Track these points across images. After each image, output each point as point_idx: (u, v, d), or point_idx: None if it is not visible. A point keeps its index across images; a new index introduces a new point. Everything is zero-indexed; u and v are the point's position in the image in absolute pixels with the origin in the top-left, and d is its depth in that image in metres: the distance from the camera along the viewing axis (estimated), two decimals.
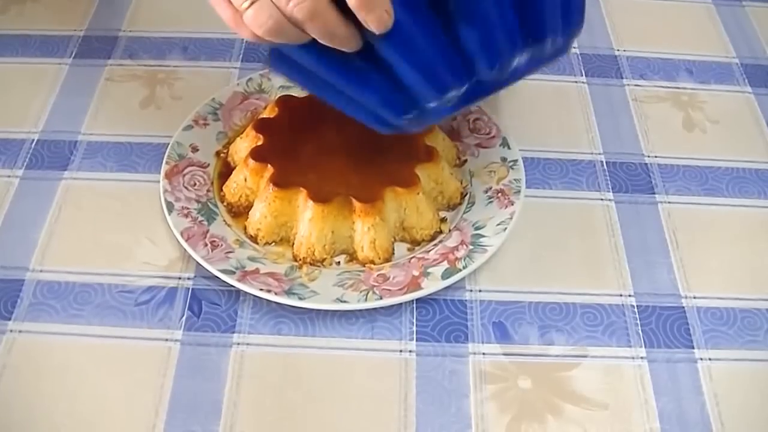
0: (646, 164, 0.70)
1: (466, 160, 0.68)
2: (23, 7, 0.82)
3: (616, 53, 0.80)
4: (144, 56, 0.77)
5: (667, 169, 0.69)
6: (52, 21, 0.80)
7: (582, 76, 0.77)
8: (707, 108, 0.75)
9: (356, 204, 0.59)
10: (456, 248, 0.60)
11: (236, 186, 0.63)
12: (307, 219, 0.59)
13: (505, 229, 0.61)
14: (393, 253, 0.61)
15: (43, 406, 0.53)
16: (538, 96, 0.75)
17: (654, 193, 0.67)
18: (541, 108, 0.74)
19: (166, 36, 0.79)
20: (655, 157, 0.70)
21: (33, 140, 0.69)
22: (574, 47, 0.80)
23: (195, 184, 0.64)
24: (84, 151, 0.68)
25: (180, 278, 0.60)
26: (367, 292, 0.57)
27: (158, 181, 0.64)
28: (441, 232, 0.63)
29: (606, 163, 0.69)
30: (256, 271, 0.58)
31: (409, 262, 0.60)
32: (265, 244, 0.62)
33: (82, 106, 0.72)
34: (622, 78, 0.78)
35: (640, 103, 0.75)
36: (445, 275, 0.58)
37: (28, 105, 0.72)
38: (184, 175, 0.64)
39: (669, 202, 0.67)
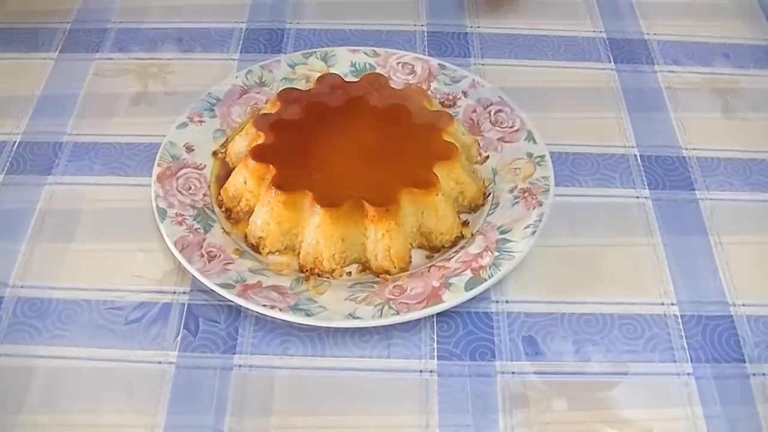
0: (683, 158, 0.68)
1: (488, 157, 0.66)
2: None
3: (646, 37, 0.79)
4: (135, 49, 0.76)
5: (707, 163, 0.67)
6: (36, 12, 0.79)
7: (610, 62, 0.76)
8: (747, 94, 0.73)
9: (369, 208, 0.58)
10: (480, 255, 0.58)
11: (235, 189, 0.62)
12: (315, 225, 0.57)
13: (534, 232, 0.59)
14: (410, 262, 0.60)
15: None
16: (564, 85, 0.74)
17: (694, 189, 0.65)
18: (567, 98, 0.73)
19: (159, 26, 0.78)
20: (694, 149, 0.68)
21: (15, 142, 0.68)
22: (600, 31, 0.79)
23: (190, 188, 0.63)
24: (70, 152, 0.67)
25: (174, 293, 0.58)
26: (382, 307, 0.55)
27: (150, 185, 0.62)
28: (463, 237, 0.61)
29: (640, 156, 0.68)
30: (259, 284, 0.57)
31: (429, 271, 0.58)
32: (267, 253, 0.60)
33: (68, 104, 0.71)
34: (653, 64, 0.76)
35: (674, 90, 0.74)
36: (469, 286, 0.56)
37: (9, 104, 0.70)
38: (177, 178, 0.63)
39: (711, 199, 0.65)
